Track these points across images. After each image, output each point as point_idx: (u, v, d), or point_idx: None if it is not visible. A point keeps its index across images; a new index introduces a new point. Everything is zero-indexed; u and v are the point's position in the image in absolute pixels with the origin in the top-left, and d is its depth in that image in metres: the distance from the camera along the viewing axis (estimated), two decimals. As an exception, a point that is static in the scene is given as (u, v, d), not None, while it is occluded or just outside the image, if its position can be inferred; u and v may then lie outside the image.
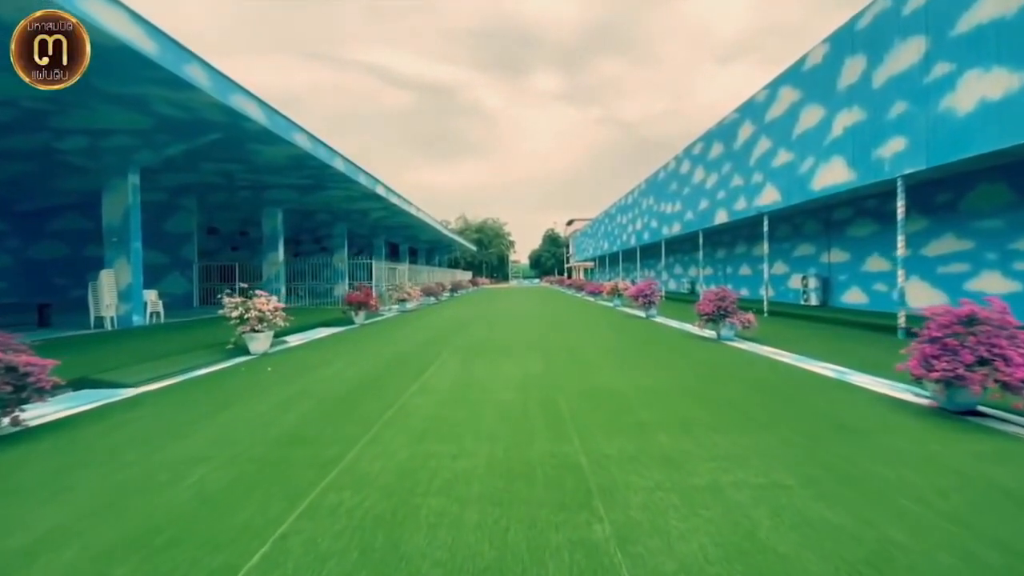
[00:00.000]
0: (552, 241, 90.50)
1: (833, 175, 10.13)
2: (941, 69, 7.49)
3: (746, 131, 14.14)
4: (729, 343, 8.05)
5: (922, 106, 7.87)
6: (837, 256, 13.76)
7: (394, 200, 19.93)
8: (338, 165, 13.70)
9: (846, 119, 9.73)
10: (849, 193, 10.19)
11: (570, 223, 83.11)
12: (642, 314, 13.39)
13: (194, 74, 7.62)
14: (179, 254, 17.35)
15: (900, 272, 8.42)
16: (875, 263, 12.22)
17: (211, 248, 22.62)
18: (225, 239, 24.04)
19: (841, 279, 13.59)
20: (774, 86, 12.52)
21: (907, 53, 8.17)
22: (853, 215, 13.01)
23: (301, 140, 11.43)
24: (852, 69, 9.55)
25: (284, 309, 7.92)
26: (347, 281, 19.82)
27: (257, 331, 7.60)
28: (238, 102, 8.80)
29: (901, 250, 8.41)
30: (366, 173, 16.06)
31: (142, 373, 5.86)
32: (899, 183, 8.40)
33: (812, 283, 14.22)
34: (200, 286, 17.26)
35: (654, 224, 24.03)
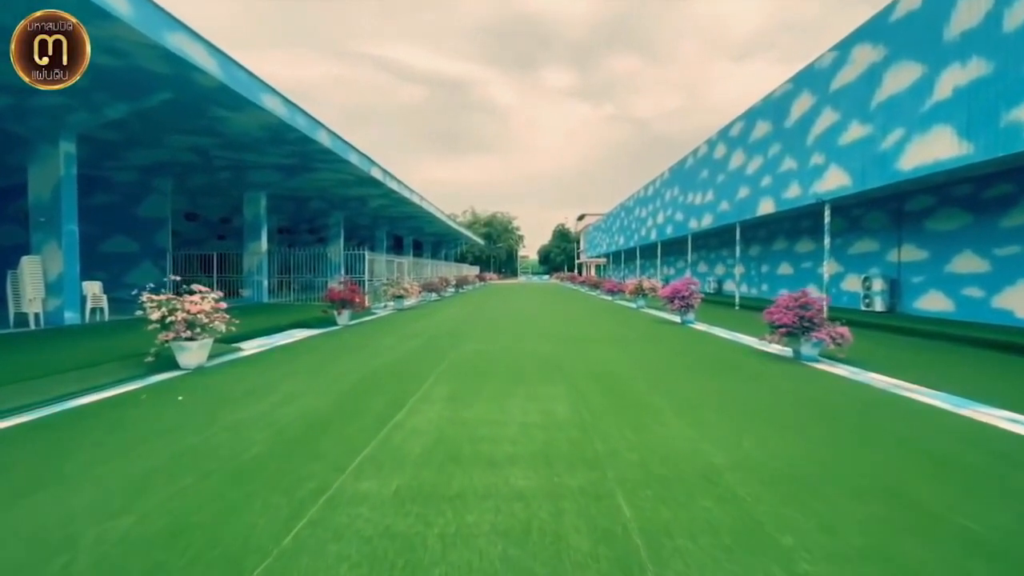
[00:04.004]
0: (562, 236, 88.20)
1: (933, 150, 7.97)
2: None
3: (803, 104, 11.95)
4: (814, 365, 6.01)
5: (1095, 46, 5.73)
6: (910, 254, 11.57)
7: (392, 186, 17.97)
8: (322, 139, 11.75)
9: (957, 76, 7.57)
10: (962, 171, 8.02)
11: (581, 218, 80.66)
12: (676, 319, 11.34)
13: (104, -6, 5.68)
14: (152, 241, 15.56)
15: (1044, 274, 6.31)
16: (965, 263, 10.04)
17: (196, 236, 20.86)
18: (211, 227, 22.27)
19: (915, 281, 11.41)
20: (845, 46, 10.31)
21: (1067, -23, 6.03)
22: (935, 204, 10.82)
23: (273, 104, 9.49)
24: (969, 10, 7.38)
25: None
26: (343, 274, 17.96)
27: (186, 339, 5.71)
28: (179, 43, 6.87)
29: (1046, 245, 6.30)
30: (358, 152, 14.10)
31: (-15, 405, 3.98)
32: (1046, 155, 6.28)
33: (877, 285, 12.05)
34: (175, 277, 15.46)
35: (679, 217, 21.83)
